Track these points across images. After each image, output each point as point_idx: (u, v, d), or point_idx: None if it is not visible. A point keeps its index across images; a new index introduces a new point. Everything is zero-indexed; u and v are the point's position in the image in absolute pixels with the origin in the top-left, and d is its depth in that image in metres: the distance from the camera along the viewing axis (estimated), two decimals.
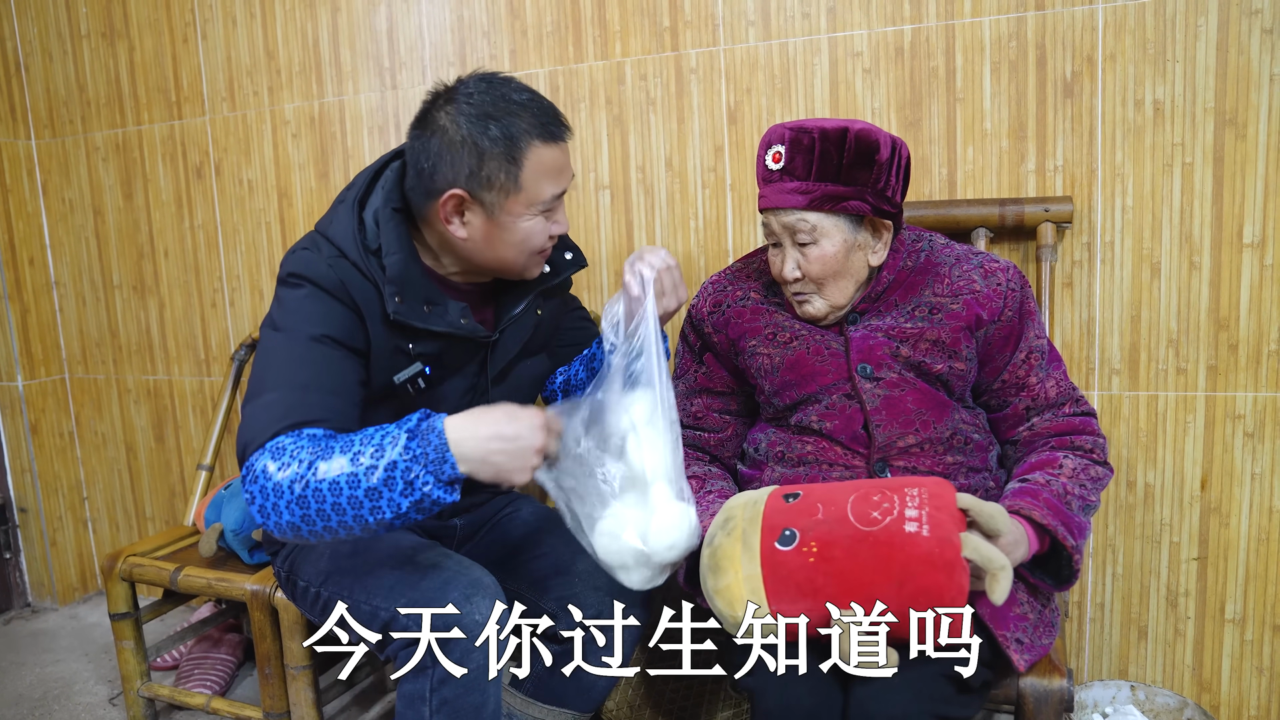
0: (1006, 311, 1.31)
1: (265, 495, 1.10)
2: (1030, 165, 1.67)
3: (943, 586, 1.03)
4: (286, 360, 1.20)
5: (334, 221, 1.28)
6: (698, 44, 1.85)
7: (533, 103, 1.23)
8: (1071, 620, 1.77)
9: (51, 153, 2.51)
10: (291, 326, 1.21)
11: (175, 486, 2.55)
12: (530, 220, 1.25)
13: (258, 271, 2.31)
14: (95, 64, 2.40)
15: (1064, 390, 1.34)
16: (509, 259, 1.28)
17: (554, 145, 1.24)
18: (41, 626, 2.52)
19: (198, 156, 2.33)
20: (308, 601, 1.38)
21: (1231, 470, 1.64)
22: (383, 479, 1.07)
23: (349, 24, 2.12)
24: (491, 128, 1.20)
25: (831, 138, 1.22)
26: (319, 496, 1.08)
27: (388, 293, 1.23)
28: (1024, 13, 1.64)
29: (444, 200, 1.23)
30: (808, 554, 1.08)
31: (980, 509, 1.09)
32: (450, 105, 1.22)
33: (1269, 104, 1.53)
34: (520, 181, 1.22)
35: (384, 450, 1.08)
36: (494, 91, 1.22)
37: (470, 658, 1.18)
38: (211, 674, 2.09)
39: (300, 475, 1.08)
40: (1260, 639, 1.67)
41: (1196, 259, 1.61)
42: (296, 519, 1.09)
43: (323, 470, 1.08)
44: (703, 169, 1.89)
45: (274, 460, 1.11)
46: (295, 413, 1.15)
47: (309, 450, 1.11)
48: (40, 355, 2.57)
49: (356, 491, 1.07)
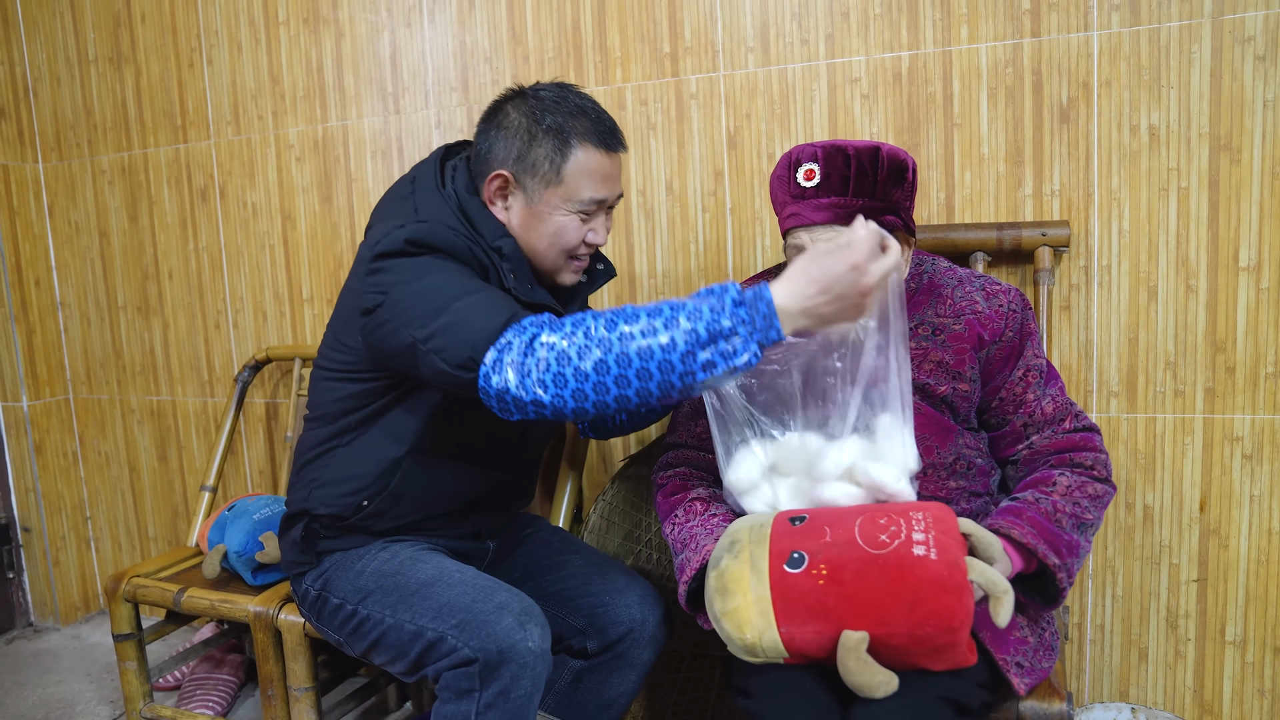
0: (1008, 332, 1.32)
1: (546, 366, 1.05)
2: (1027, 190, 1.69)
3: (953, 609, 1.04)
4: (455, 279, 1.18)
5: (421, 209, 1.29)
6: (698, 70, 1.87)
7: (594, 110, 1.31)
8: (1072, 642, 1.78)
9: (58, 175, 2.54)
10: (434, 271, 1.19)
11: (178, 507, 2.56)
12: (565, 216, 1.29)
13: (261, 294, 2.33)
14: (102, 88, 2.42)
15: (1061, 406, 1.34)
16: (540, 249, 1.32)
17: (604, 152, 1.29)
18: (44, 646, 2.52)
19: (202, 180, 2.35)
20: (339, 620, 1.37)
21: (1230, 492, 1.65)
22: (704, 342, 1.02)
23: (353, 50, 2.14)
24: (546, 119, 1.27)
25: (865, 155, 1.25)
26: (624, 362, 1.03)
27: (504, 269, 1.28)
28: (1020, 39, 1.66)
29: (491, 178, 1.29)
30: (817, 576, 1.08)
31: (981, 535, 1.10)
32: (519, 99, 1.31)
33: (1263, 129, 1.55)
34: (562, 175, 1.27)
35: (704, 313, 1.03)
36: (562, 93, 1.30)
37: (519, 684, 1.19)
38: (214, 695, 2.09)
39: (605, 342, 1.04)
40: (1261, 661, 1.67)
41: (1193, 282, 1.62)
42: (584, 386, 1.05)
43: (631, 338, 1.04)
44: (703, 193, 1.91)
45: (552, 331, 1.08)
46: (509, 305, 1.14)
47: (594, 318, 1.07)
48: (45, 376, 2.58)
49: (671, 355, 1.02)
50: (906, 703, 1.04)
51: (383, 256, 1.21)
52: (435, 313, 1.14)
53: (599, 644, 1.38)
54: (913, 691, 1.05)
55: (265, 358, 2.28)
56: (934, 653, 1.05)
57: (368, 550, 1.37)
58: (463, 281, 1.19)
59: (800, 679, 1.12)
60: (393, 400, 1.34)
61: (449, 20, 2.05)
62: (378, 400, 1.35)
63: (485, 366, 1.09)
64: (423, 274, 1.19)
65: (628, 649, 1.37)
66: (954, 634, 1.03)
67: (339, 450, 1.37)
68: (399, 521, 1.38)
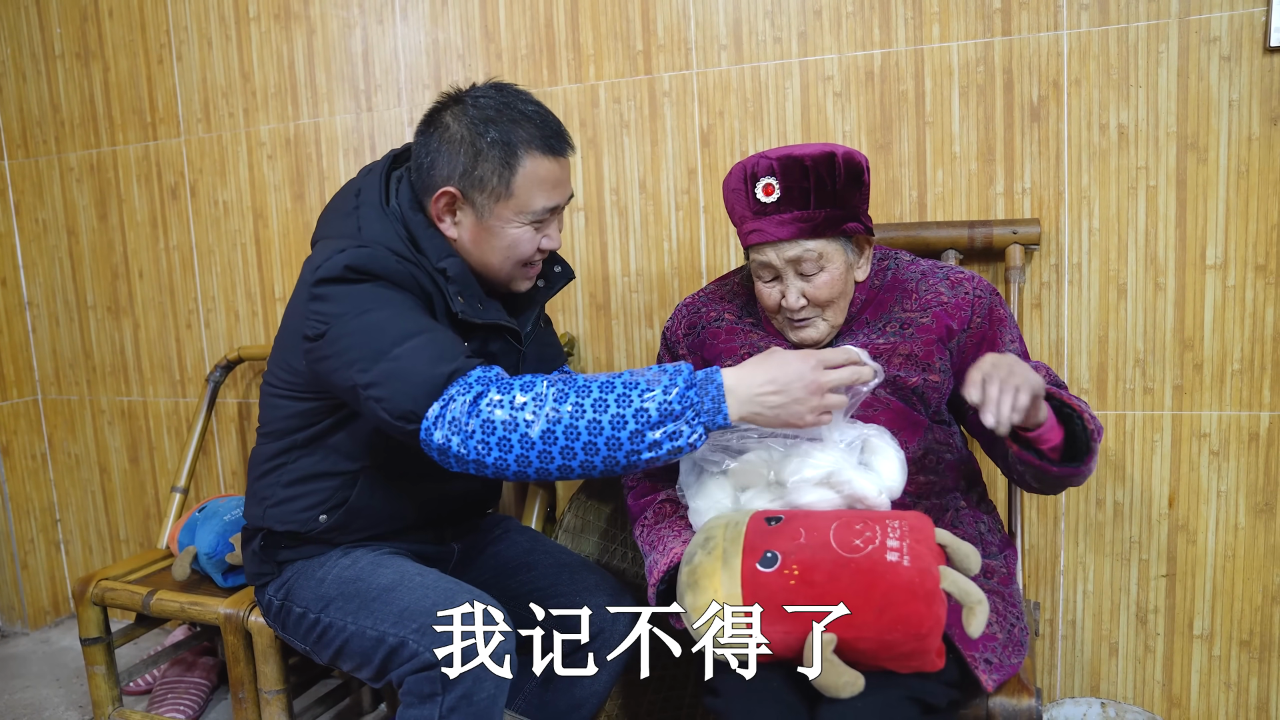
0: (975, 319, 1.32)
1: (491, 429, 1.06)
2: (999, 188, 1.70)
3: (922, 615, 1.04)
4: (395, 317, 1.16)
5: (365, 228, 1.25)
6: (670, 67, 1.87)
7: (538, 114, 1.25)
8: (1043, 638, 1.79)
9: (25, 173, 2.50)
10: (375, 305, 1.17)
11: (150, 508, 2.53)
12: (518, 229, 1.25)
13: (233, 292, 2.31)
14: (69, 84, 2.39)
15: (1051, 379, 1.31)
16: (494, 264, 1.29)
17: (552, 158, 1.24)
18: (11, 651, 2.48)
19: (173, 177, 2.32)
20: (303, 629, 1.36)
21: (1198, 488, 1.67)
22: (653, 422, 1.05)
23: (324, 47, 2.12)
24: (491, 131, 1.21)
25: (823, 164, 1.23)
26: (572, 434, 1.05)
27: (451, 292, 1.24)
28: (991, 38, 1.67)
29: (437, 196, 1.24)
30: (789, 576, 1.08)
31: (957, 547, 1.11)
32: (457, 106, 1.24)
33: (1228, 129, 1.56)
34: (512, 188, 1.22)
35: (655, 395, 1.05)
36: (502, 98, 1.24)
37: (482, 686, 1.18)
38: (185, 698, 2.07)
39: (554, 414, 1.05)
40: (1227, 654, 1.69)
41: (1161, 280, 1.63)
42: (529, 454, 1.07)
43: (582, 410, 1.05)
44: (676, 191, 1.90)
45: (500, 390, 1.08)
46: (454, 348, 1.13)
47: (546, 385, 1.08)
48: (12, 376, 2.54)
49: (619, 433, 1.05)
50: (872, 702, 1.04)
51: (324, 282, 1.19)
52: (376, 356, 1.13)
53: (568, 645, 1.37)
54: (879, 690, 1.05)
55: (237, 357, 2.25)
56: (902, 658, 1.06)
57: (328, 557, 1.36)
58: (405, 320, 1.16)
59: (768, 678, 1.12)
60: (342, 419, 1.32)
61: (421, 17, 2.03)
62: (326, 418, 1.32)
63: (427, 420, 1.10)
64: (364, 308, 1.17)
65: (598, 649, 1.36)
66: (922, 640, 1.04)
67: (289, 467, 1.35)
68: (360, 534, 1.37)
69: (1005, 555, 1.35)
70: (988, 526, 1.36)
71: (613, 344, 2.00)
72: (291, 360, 1.31)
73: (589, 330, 2.02)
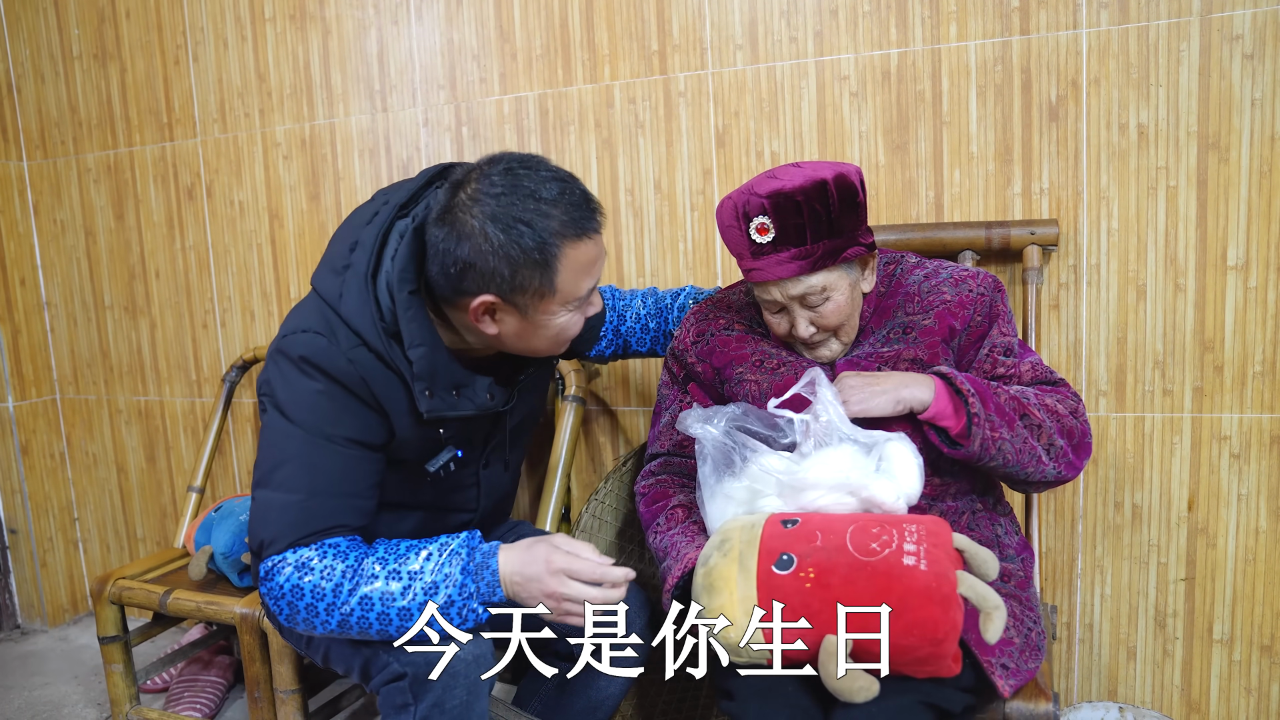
0: (976, 317, 1.32)
1: (293, 605, 1.16)
2: (1016, 188, 1.68)
3: (938, 620, 1.03)
4: (303, 462, 1.18)
5: (345, 297, 1.20)
6: (686, 68, 1.86)
7: (563, 197, 1.14)
8: (1061, 641, 1.78)
9: (43, 174, 2.52)
10: (306, 423, 1.18)
11: (166, 507, 2.54)
12: (565, 316, 1.21)
13: (249, 293, 2.32)
14: (87, 85, 2.41)
15: (1041, 373, 1.31)
16: (542, 349, 1.25)
17: (586, 241, 1.16)
18: (31, 648, 2.51)
19: (189, 178, 2.33)
20: (294, 635, 1.37)
21: (1218, 491, 1.65)
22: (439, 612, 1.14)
23: (339, 47, 2.13)
24: (524, 236, 1.12)
25: (814, 194, 1.21)
26: (365, 624, 1.15)
27: (418, 389, 1.19)
28: (1009, 37, 1.65)
29: (475, 306, 1.17)
30: (804, 579, 1.08)
31: (975, 552, 1.10)
32: (476, 206, 1.13)
33: (1251, 128, 1.54)
34: (556, 285, 1.15)
35: (436, 586, 1.14)
36: (520, 187, 1.13)
37: (452, 694, 1.18)
38: (202, 696, 2.08)
39: (337, 599, 1.14)
40: (1248, 659, 1.67)
41: (1181, 281, 1.62)
42: (322, 629, 1.17)
43: (364, 590, 1.14)
44: (691, 191, 1.90)
45: (301, 573, 1.15)
46: (315, 520, 1.18)
47: (342, 571, 1.15)
48: (31, 376, 2.56)
49: (407, 624, 1.14)
50: (887, 706, 1.03)
51: (282, 354, 1.22)
52: (264, 480, 1.20)
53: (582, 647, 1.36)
54: (894, 696, 1.04)
55: (253, 357, 2.26)
56: (917, 663, 1.05)
57: None
58: (308, 467, 1.18)
59: (783, 681, 1.11)
60: None
61: (436, 18, 2.03)
62: None
63: (262, 567, 1.18)
64: (295, 417, 1.19)
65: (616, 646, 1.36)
66: (938, 645, 1.03)
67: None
68: None
69: (1022, 559, 1.34)
70: (1005, 530, 1.35)
71: None
72: None
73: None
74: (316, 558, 1.16)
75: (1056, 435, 1.24)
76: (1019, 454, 1.22)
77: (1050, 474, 1.26)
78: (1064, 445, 1.25)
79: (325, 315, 1.20)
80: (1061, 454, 1.25)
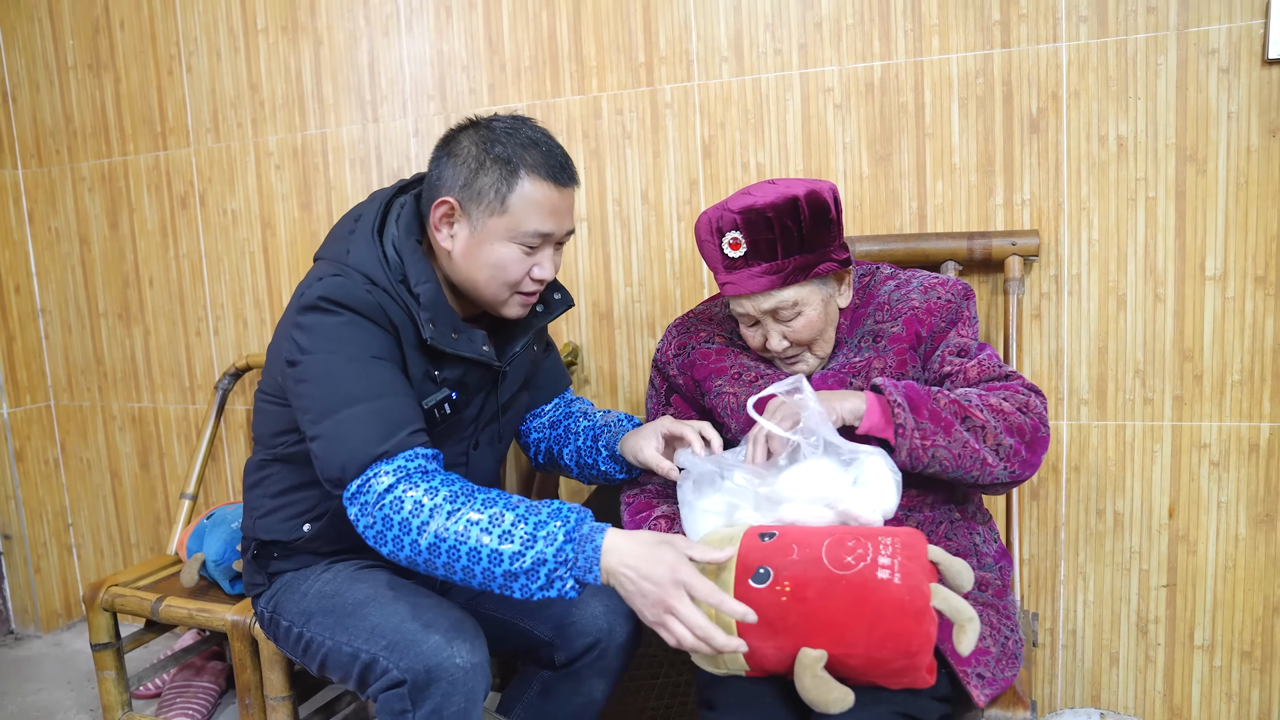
0: (941, 323, 1.33)
1: (389, 525, 1.13)
2: (998, 199, 1.70)
3: (911, 632, 1.05)
4: (355, 379, 1.20)
5: (353, 251, 1.29)
6: (672, 79, 1.88)
7: (546, 143, 1.28)
8: (1044, 647, 1.79)
9: (38, 182, 2.53)
10: (344, 350, 1.22)
11: (160, 513, 2.56)
12: (507, 248, 1.26)
13: (241, 300, 2.33)
14: (82, 95, 2.42)
15: (989, 370, 1.30)
16: (481, 282, 1.29)
17: (552, 184, 1.26)
18: (25, 654, 2.52)
19: (182, 187, 2.35)
20: (290, 641, 1.38)
21: (1198, 499, 1.67)
22: (526, 569, 1.09)
23: (331, 58, 2.15)
24: (496, 148, 1.25)
25: (785, 210, 1.24)
26: (454, 554, 1.11)
27: (423, 319, 1.26)
28: (990, 50, 1.67)
29: (436, 205, 1.27)
30: (780, 592, 1.09)
31: (950, 564, 1.11)
32: (472, 129, 1.28)
33: (1227, 140, 1.56)
34: (507, 204, 1.24)
35: (535, 541, 1.10)
36: (516, 125, 1.28)
37: (451, 702, 1.19)
38: (194, 703, 2.10)
39: (443, 530, 1.11)
40: (1229, 665, 1.69)
41: (1161, 291, 1.64)
42: (416, 558, 1.13)
43: (468, 535, 1.11)
44: (678, 202, 1.91)
45: (410, 486, 1.14)
46: (393, 421, 1.18)
47: (447, 496, 1.13)
48: (26, 382, 2.58)
49: (495, 568, 1.10)
50: (862, 717, 1.05)
51: (303, 310, 1.24)
52: (324, 414, 1.19)
53: (566, 655, 1.38)
54: (869, 706, 1.06)
55: (245, 365, 2.28)
56: (892, 675, 1.06)
57: (312, 571, 1.38)
58: (361, 379, 1.20)
59: (761, 692, 1.13)
60: None
61: (426, 29, 2.05)
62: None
63: (347, 492, 1.17)
64: (331, 351, 1.21)
65: (596, 659, 1.38)
66: (912, 657, 1.04)
67: (274, 476, 1.38)
68: (345, 544, 1.38)
69: (1000, 567, 1.36)
70: (983, 538, 1.36)
71: (615, 353, 2.02)
72: (277, 375, 1.35)
73: (592, 340, 2.03)
74: (416, 468, 1.16)
75: (1004, 434, 1.22)
76: (958, 459, 1.21)
77: (1002, 475, 1.24)
78: (1014, 443, 1.23)
79: (339, 268, 1.28)
80: (1012, 453, 1.23)
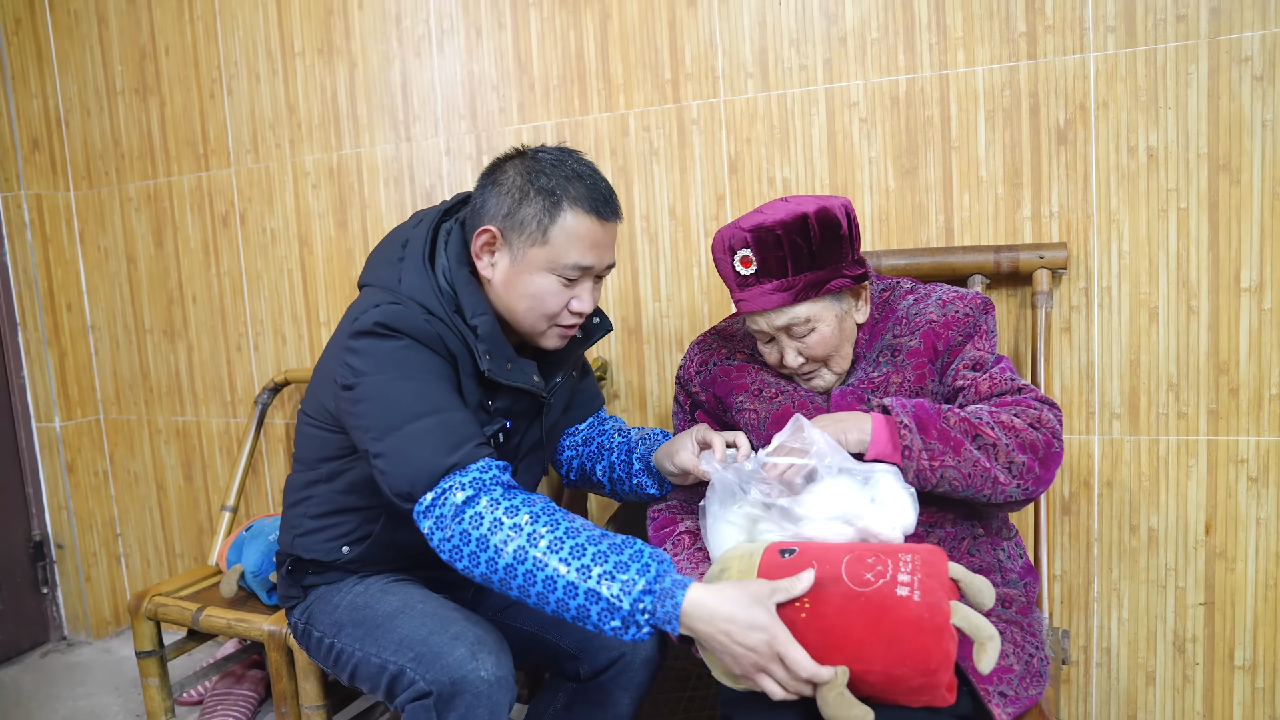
0: (958, 336, 1.32)
1: (467, 540, 1.12)
2: (1026, 212, 1.69)
3: (930, 650, 1.05)
4: (414, 393, 1.19)
5: (405, 280, 1.29)
6: (699, 95, 1.89)
7: (590, 176, 1.28)
8: (1078, 665, 1.76)
9: (89, 203, 2.62)
10: (402, 372, 1.22)
11: (203, 524, 2.62)
12: (546, 279, 1.27)
13: (280, 317, 2.39)
14: (129, 119, 2.51)
15: (1000, 384, 1.29)
16: (520, 312, 1.30)
17: (594, 219, 1.26)
18: (76, 660, 2.60)
19: (224, 206, 2.42)
20: (322, 652, 1.41)
21: (1236, 515, 1.63)
22: (603, 608, 1.07)
23: (365, 80, 2.20)
24: (540, 179, 1.25)
25: (795, 228, 1.24)
26: (530, 579, 1.09)
27: (480, 350, 1.26)
28: (1016, 62, 1.66)
29: (479, 233, 1.28)
30: (800, 609, 1.10)
31: (970, 581, 1.11)
32: (519, 159, 1.30)
33: (1262, 149, 1.53)
34: (549, 236, 1.25)
35: (615, 583, 1.07)
36: (562, 157, 1.29)
37: (475, 714, 1.20)
38: (234, 710, 2.15)
39: (522, 553, 1.09)
40: (1271, 687, 1.65)
41: (1194, 303, 1.61)
42: (492, 576, 1.11)
43: (546, 562, 1.08)
44: (705, 217, 1.93)
45: (491, 503, 1.12)
46: (458, 435, 1.16)
47: (529, 517, 1.11)
48: (76, 397, 2.67)
49: (570, 599, 1.08)
50: None
51: (357, 335, 1.24)
52: (388, 430, 1.17)
53: (590, 668, 1.40)
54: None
55: (284, 380, 2.33)
56: (911, 692, 1.06)
57: (345, 583, 1.41)
58: (424, 396, 1.19)
59: (783, 710, 1.13)
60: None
61: (457, 50, 2.09)
62: (354, 454, 1.35)
63: (420, 505, 1.15)
64: (389, 372, 1.20)
65: (620, 673, 1.39)
66: (931, 675, 1.04)
67: (317, 498, 1.40)
68: (383, 566, 1.41)
69: (1026, 583, 1.34)
70: (1007, 554, 1.35)
71: (644, 368, 2.03)
72: (324, 400, 1.36)
73: (621, 354, 2.05)
74: (492, 483, 1.14)
75: (1016, 451, 1.21)
76: (969, 479, 1.21)
77: (1015, 493, 1.24)
78: (1026, 460, 1.22)
79: (391, 295, 1.28)
80: (1025, 470, 1.22)
